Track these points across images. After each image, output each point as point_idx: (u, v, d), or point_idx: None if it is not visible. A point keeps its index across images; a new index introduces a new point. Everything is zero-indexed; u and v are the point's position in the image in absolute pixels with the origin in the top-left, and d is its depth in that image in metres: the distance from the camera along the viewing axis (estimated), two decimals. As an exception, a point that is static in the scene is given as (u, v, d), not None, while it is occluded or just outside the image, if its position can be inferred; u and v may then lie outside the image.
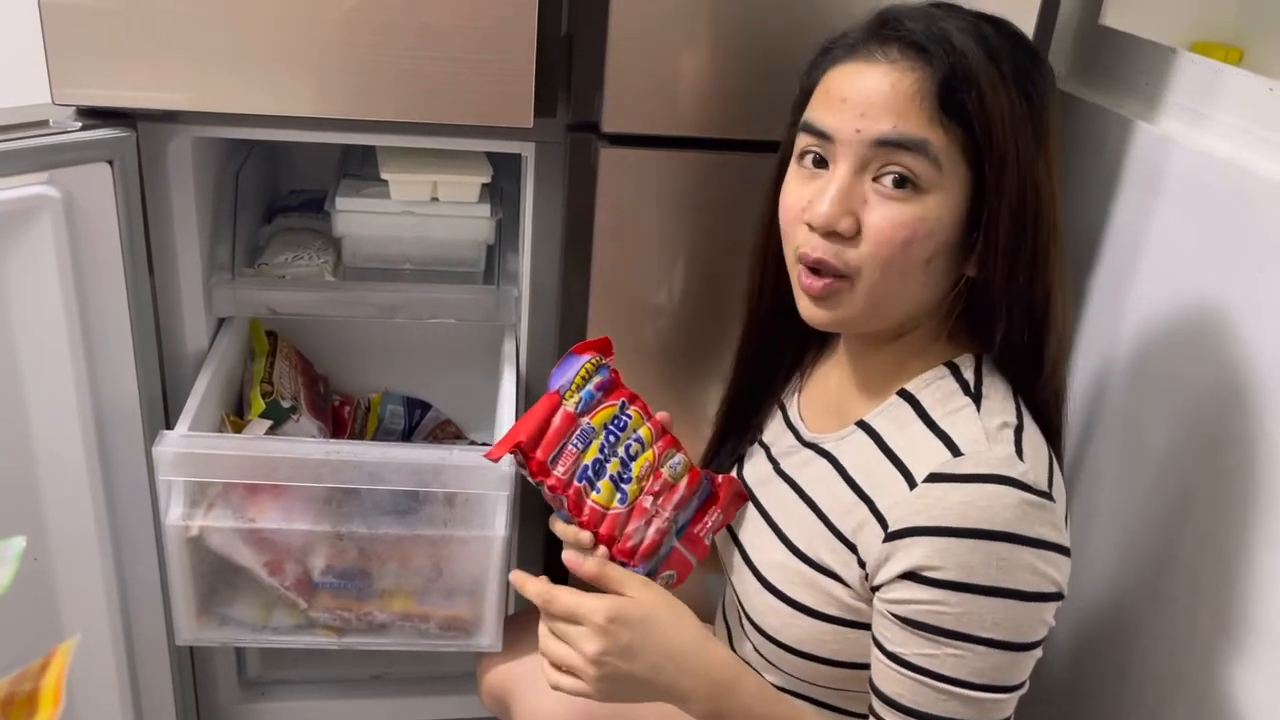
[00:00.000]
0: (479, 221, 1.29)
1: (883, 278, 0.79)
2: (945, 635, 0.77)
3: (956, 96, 0.76)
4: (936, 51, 0.77)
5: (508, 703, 1.13)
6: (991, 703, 0.78)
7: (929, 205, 0.77)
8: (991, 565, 0.75)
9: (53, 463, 1.08)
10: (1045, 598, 0.78)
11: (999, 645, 0.77)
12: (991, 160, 0.77)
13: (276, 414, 1.22)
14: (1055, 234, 0.81)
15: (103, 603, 1.16)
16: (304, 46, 1.01)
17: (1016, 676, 0.79)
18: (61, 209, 1.00)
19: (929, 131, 0.76)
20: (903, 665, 0.79)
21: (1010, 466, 0.77)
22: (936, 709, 0.78)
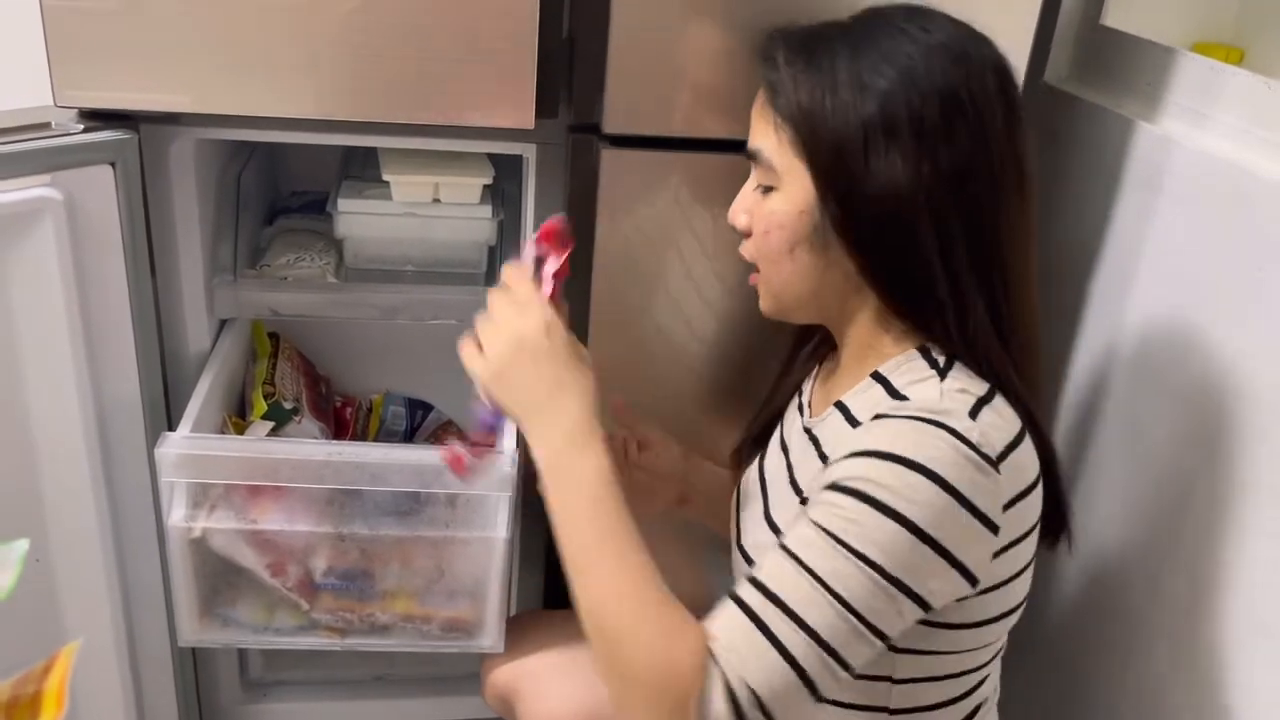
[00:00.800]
0: (480, 223, 1.29)
1: (765, 267, 0.90)
2: (830, 534, 0.76)
3: (776, 99, 0.86)
4: (767, 63, 0.87)
5: (512, 703, 1.13)
6: (835, 619, 0.75)
7: (776, 201, 0.87)
8: (899, 490, 0.75)
9: (55, 464, 1.08)
10: (943, 552, 0.76)
11: (871, 565, 0.75)
12: (812, 156, 0.84)
13: (278, 415, 1.23)
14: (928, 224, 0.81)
15: (105, 604, 1.16)
16: (306, 48, 1.01)
17: (873, 612, 0.76)
18: (64, 211, 1.00)
19: (765, 140, 0.87)
20: (784, 550, 0.78)
21: (954, 419, 0.78)
22: (790, 592, 0.76)
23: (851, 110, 0.81)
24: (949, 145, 0.81)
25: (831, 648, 0.76)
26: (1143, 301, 1.14)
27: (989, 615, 0.85)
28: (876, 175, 0.81)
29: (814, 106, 0.83)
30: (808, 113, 0.83)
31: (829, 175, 0.83)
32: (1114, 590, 1.16)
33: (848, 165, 0.82)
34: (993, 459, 0.78)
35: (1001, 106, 0.83)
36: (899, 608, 0.77)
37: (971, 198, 0.82)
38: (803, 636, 0.75)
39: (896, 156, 0.81)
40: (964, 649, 0.87)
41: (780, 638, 0.75)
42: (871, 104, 0.81)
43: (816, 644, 0.75)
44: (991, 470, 0.78)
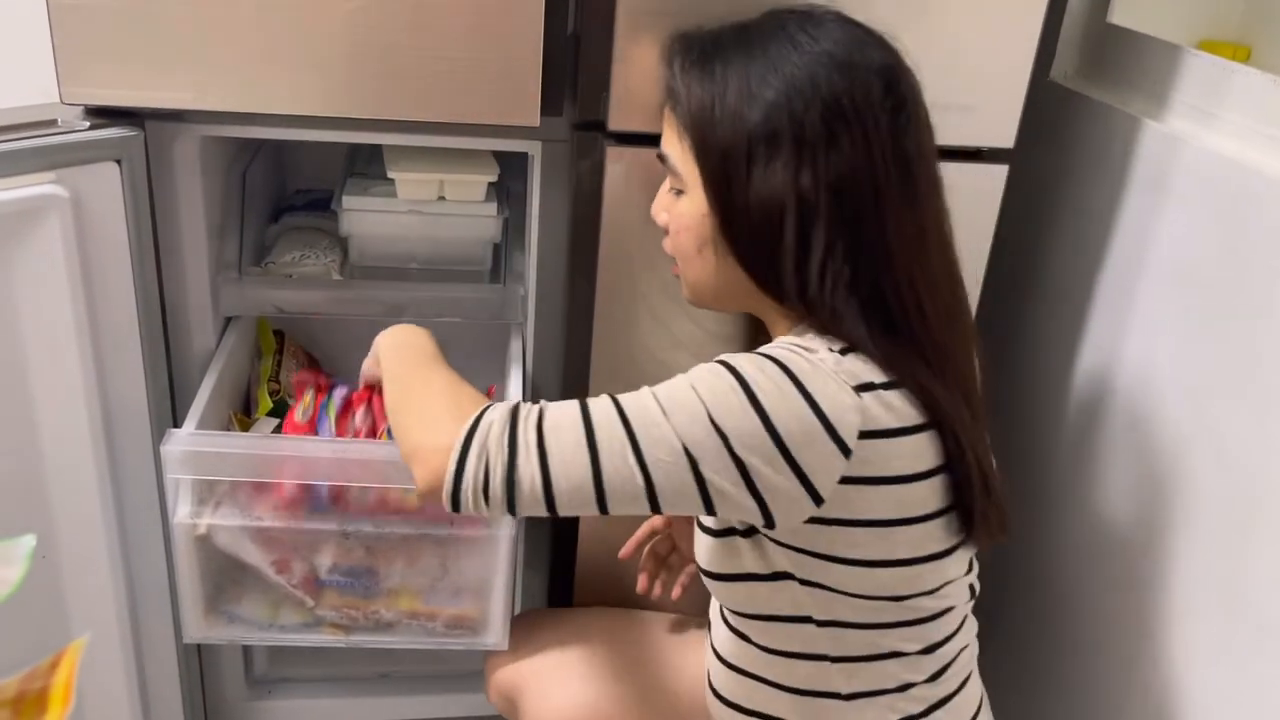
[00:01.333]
0: (485, 220, 1.29)
1: (680, 263, 0.94)
2: (683, 376, 0.84)
3: (677, 109, 0.89)
4: (669, 68, 0.90)
5: (516, 701, 1.13)
6: (648, 420, 0.82)
7: (685, 203, 0.90)
8: (751, 368, 0.82)
9: (61, 461, 1.09)
10: (774, 436, 0.79)
11: (704, 405, 0.81)
12: (701, 161, 0.87)
13: (283, 413, 1.23)
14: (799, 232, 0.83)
15: (110, 600, 1.16)
16: (311, 45, 1.01)
17: (685, 428, 0.80)
18: (69, 208, 1.00)
19: (671, 146, 0.91)
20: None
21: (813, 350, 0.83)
22: (625, 396, 0.84)
23: (738, 120, 0.84)
24: (831, 154, 0.82)
25: (640, 450, 0.81)
26: (1149, 301, 1.14)
27: (868, 556, 0.85)
28: (757, 184, 0.84)
29: (704, 115, 0.86)
30: (698, 121, 0.86)
31: (714, 182, 0.86)
32: (1119, 592, 1.16)
33: (730, 174, 0.85)
34: (850, 384, 0.81)
35: (886, 112, 0.84)
36: (723, 464, 0.80)
37: (854, 204, 0.83)
38: (619, 429, 0.82)
39: (778, 165, 0.83)
40: (868, 593, 0.87)
41: (595, 418, 0.83)
42: (757, 114, 0.84)
43: (626, 438, 0.82)
44: (849, 391, 0.81)
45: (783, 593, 0.90)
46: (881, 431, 0.82)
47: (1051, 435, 1.30)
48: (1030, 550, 1.32)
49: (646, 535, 1.18)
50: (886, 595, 0.88)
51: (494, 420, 0.84)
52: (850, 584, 0.87)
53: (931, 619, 0.91)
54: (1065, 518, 1.27)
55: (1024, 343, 1.36)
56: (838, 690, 0.92)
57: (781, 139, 0.83)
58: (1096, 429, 1.21)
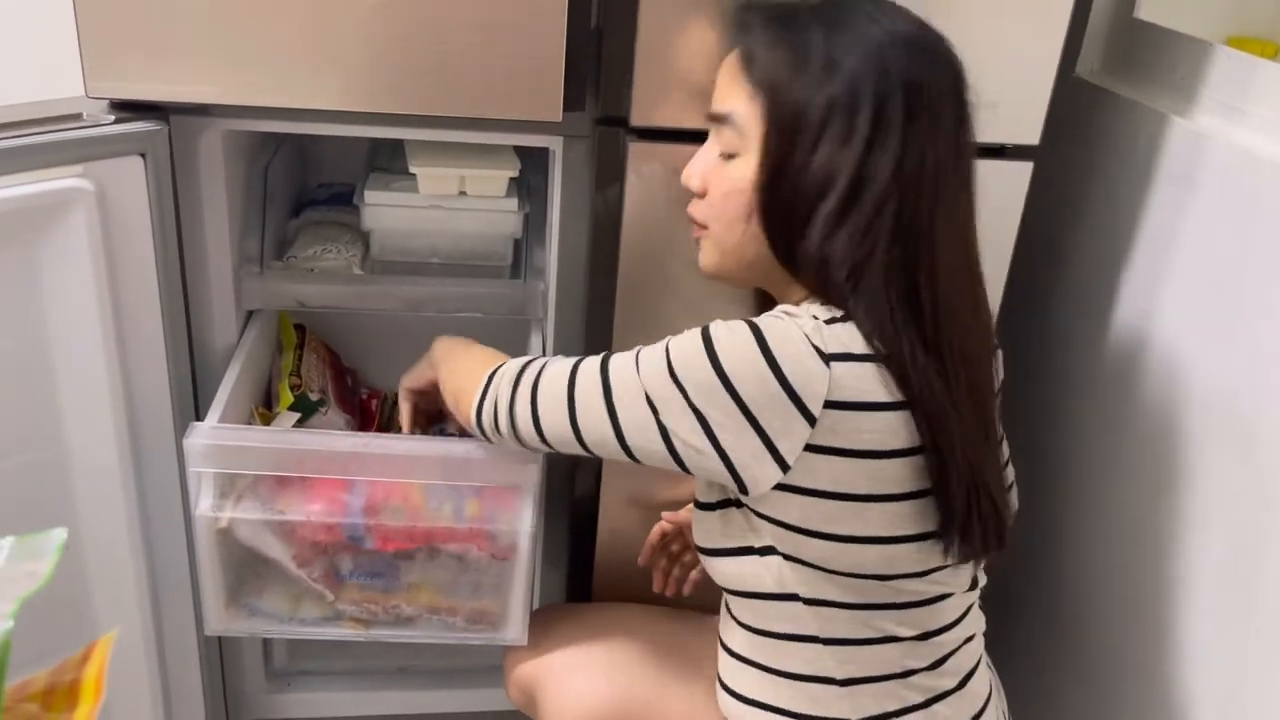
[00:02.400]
0: (506, 215, 1.29)
1: (718, 228, 0.92)
2: (668, 338, 0.88)
3: (752, 68, 0.87)
4: (741, 33, 0.90)
5: (535, 696, 1.13)
6: (623, 378, 0.88)
7: (739, 166, 0.89)
8: (725, 331, 0.85)
9: (85, 453, 1.09)
10: (731, 392, 0.82)
11: (667, 360, 0.86)
12: (772, 126, 0.86)
13: (305, 407, 1.23)
14: (840, 209, 0.84)
15: (133, 593, 1.17)
16: (334, 40, 1.01)
17: (652, 381, 0.86)
18: (94, 202, 1.00)
19: (737, 104, 0.88)
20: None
21: (796, 314, 0.85)
22: (615, 356, 0.91)
23: (821, 85, 0.84)
24: (905, 134, 0.83)
25: (613, 406, 0.88)
26: (1175, 297, 1.13)
27: (843, 532, 0.86)
28: (822, 151, 0.84)
29: (783, 76, 0.85)
30: (779, 81, 0.85)
31: (778, 143, 0.86)
32: (1139, 592, 1.15)
33: (797, 136, 0.84)
34: (823, 352, 0.82)
35: (954, 104, 0.86)
36: (683, 415, 0.84)
37: (914, 188, 0.84)
38: (597, 385, 0.89)
39: (851, 137, 0.83)
40: (851, 571, 0.88)
41: (579, 377, 0.91)
42: (841, 82, 0.83)
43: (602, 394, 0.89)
44: (817, 359, 0.82)
45: (770, 569, 0.90)
46: (851, 404, 0.82)
47: (1074, 433, 1.29)
48: (1050, 547, 1.32)
49: (659, 538, 1.19)
50: (869, 574, 0.88)
51: (508, 367, 0.97)
52: (830, 560, 0.88)
53: (924, 604, 0.91)
54: (1087, 515, 1.26)
55: (1048, 341, 1.35)
56: (832, 675, 0.92)
57: (859, 112, 0.83)
58: (1120, 426, 1.20)
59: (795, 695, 0.94)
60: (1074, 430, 1.29)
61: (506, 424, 0.96)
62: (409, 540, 1.11)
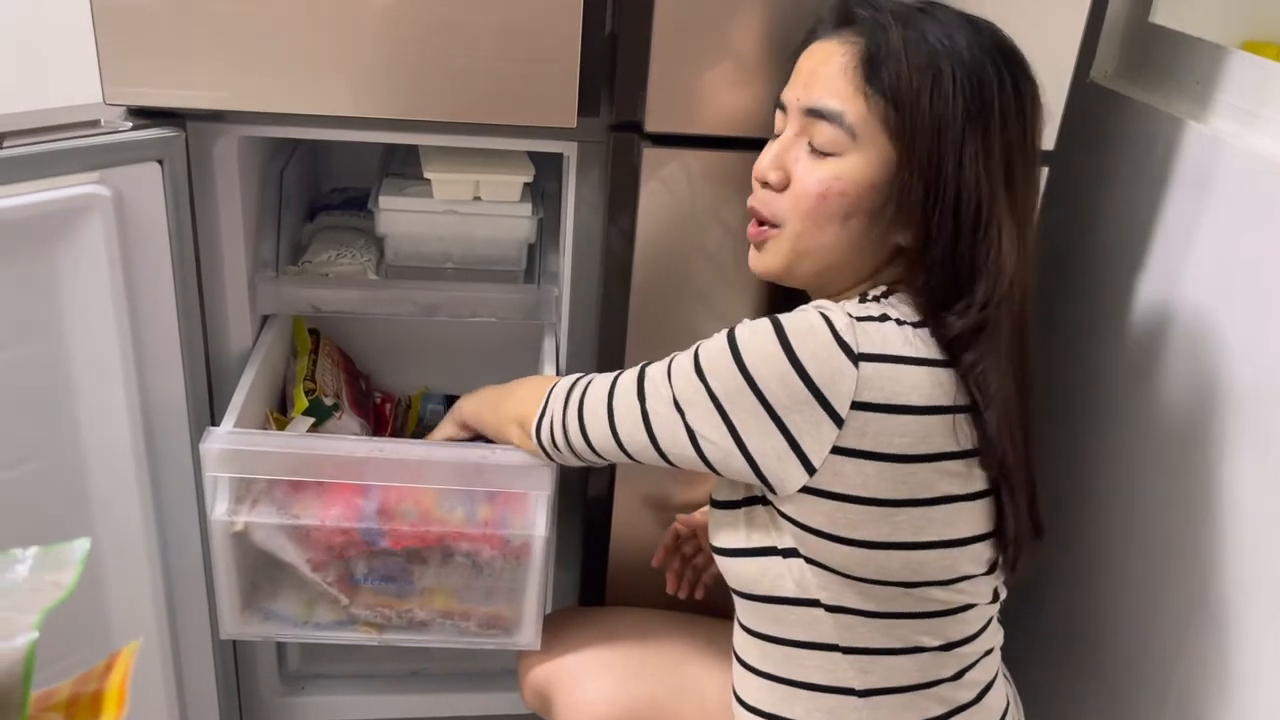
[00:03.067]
0: (521, 221, 1.29)
1: (803, 227, 0.88)
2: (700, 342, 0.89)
3: (879, 71, 0.84)
4: (869, 30, 0.86)
5: (550, 699, 1.13)
6: (657, 390, 0.90)
7: (844, 165, 0.86)
8: (749, 330, 0.85)
9: (101, 458, 1.10)
10: (756, 391, 0.82)
11: (695, 363, 0.87)
12: (906, 133, 0.83)
13: (319, 411, 1.23)
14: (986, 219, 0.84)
15: (149, 597, 1.17)
16: (348, 46, 1.01)
17: (682, 389, 0.87)
18: (112, 208, 1.01)
19: (849, 103, 0.85)
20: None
21: (832, 310, 0.84)
22: (650, 366, 0.93)
23: (954, 99, 0.82)
24: (1020, 148, 0.84)
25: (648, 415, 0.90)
26: (1192, 302, 1.12)
27: (870, 538, 0.85)
28: (967, 167, 0.82)
29: (920, 87, 0.82)
30: (915, 92, 0.83)
31: (923, 159, 0.83)
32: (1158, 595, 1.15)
33: (944, 152, 0.82)
34: (854, 351, 0.80)
35: (1036, 113, 0.88)
36: (707, 413, 0.85)
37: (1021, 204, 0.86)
38: (634, 398, 0.91)
39: (983, 153, 0.83)
40: (869, 577, 0.87)
41: (616, 394, 0.93)
42: (971, 96, 0.82)
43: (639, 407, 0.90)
44: (844, 358, 0.80)
45: (792, 571, 0.90)
46: (882, 405, 0.81)
47: (1092, 438, 1.29)
48: (1068, 552, 1.31)
49: (673, 540, 1.19)
50: (894, 581, 0.87)
51: (561, 384, 1.00)
52: (855, 566, 0.87)
53: (949, 613, 0.90)
54: (1105, 521, 1.26)
55: (1064, 346, 1.34)
56: (851, 686, 0.91)
57: (991, 127, 0.83)
58: (1138, 431, 1.20)
59: (812, 707, 0.94)
60: (1092, 435, 1.29)
61: (562, 439, 0.98)
62: (421, 541, 1.11)
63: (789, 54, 1.03)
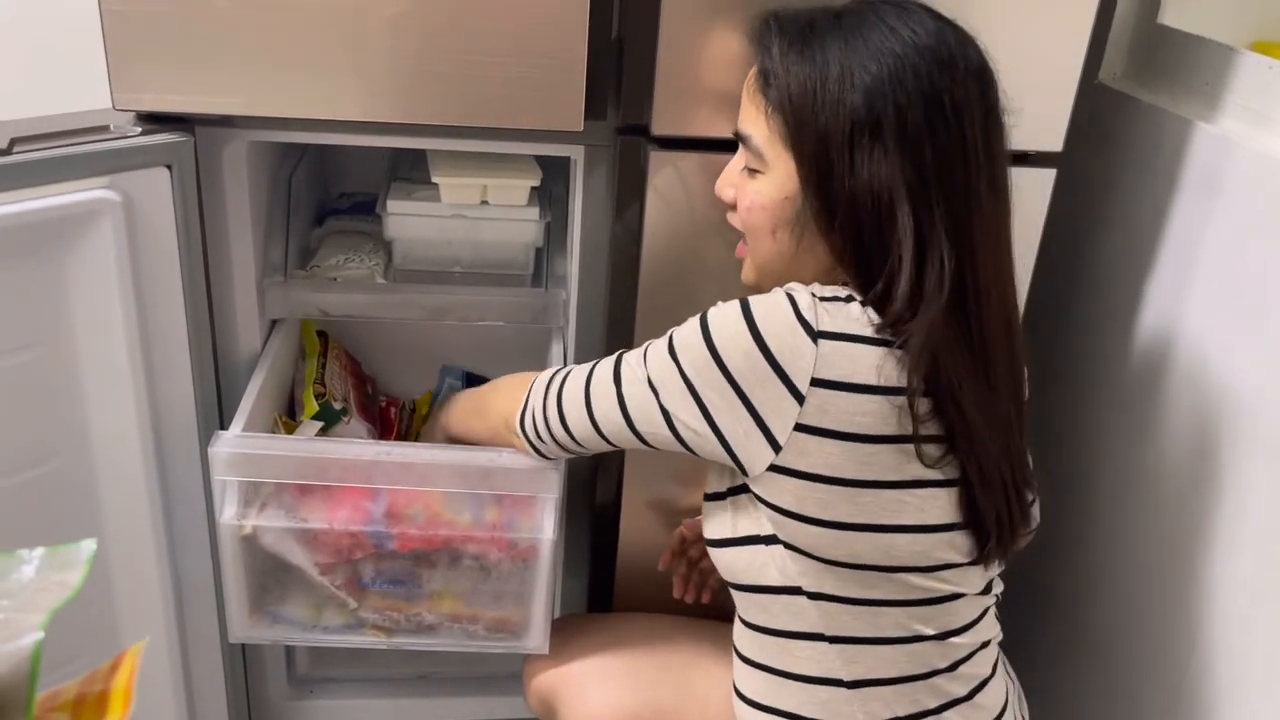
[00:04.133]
0: (528, 224, 1.30)
1: (750, 241, 0.94)
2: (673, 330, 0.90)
3: (769, 90, 0.88)
4: (761, 48, 0.89)
5: (554, 705, 1.13)
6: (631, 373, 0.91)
7: (762, 183, 0.90)
8: (720, 311, 0.87)
9: (110, 462, 1.10)
10: (730, 380, 0.84)
11: (670, 347, 0.88)
12: (796, 145, 0.86)
13: (329, 415, 1.24)
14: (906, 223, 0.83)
15: (158, 600, 1.17)
16: (356, 52, 1.02)
17: (655, 369, 0.89)
18: (122, 212, 1.01)
19: (753, 125, 0.89)
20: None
21: (797, 290, 0.85)
22: (629, 353, 0.94)
23: (839, 106, 0.83)
24: (929, 147, 0.83)
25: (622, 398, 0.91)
26: (1200, 304, 1.12)
27: (838, 518, 0.85)
28: (858, 171, 0.84)
29: (804, 99, 0.85)
30: (797, 105, 0.85)
31: (812, 167, 0.85)
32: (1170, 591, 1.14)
33: (831, 159, 0.84)
34: (813, 328, 0.82)
35: (981, 112, 0.86)
36: (680, 394, 0.87)
37: (947, 199, 0.84)
38: (609, 382, 0.92)
39: (879, 154, 0.83)
40: (842, 560, 0.87)
41: (593, 378, 0.94)
42: (859, 101, 0.83)
43: (613, 389, 0.92)
44: (804, 335, 0.82)
45: (775, 558, 0.90)
46: (840, 384, 0.82)
47: (1099, 440, 1.28)
48: (1075, 554, 1.31)
49: (679, 544, 1.19)
50: (868, 564, 0.88)
51: (541, 377, 1.01)
52: (827, 548, 0.87)
53: (934, 602, 0.90)
54: (1112, 523, 1.25)
55: (1071, 348, 1.34)
56: (839, 677, 0.92)
57: (884, 128, 0.83)
58: (1145, 433, 1.19)
59: (805, 699, 0.94)
60: (1098, 437, 1.28)
61: (545, 429, 0.99)
62: (428, 544, 1.12)
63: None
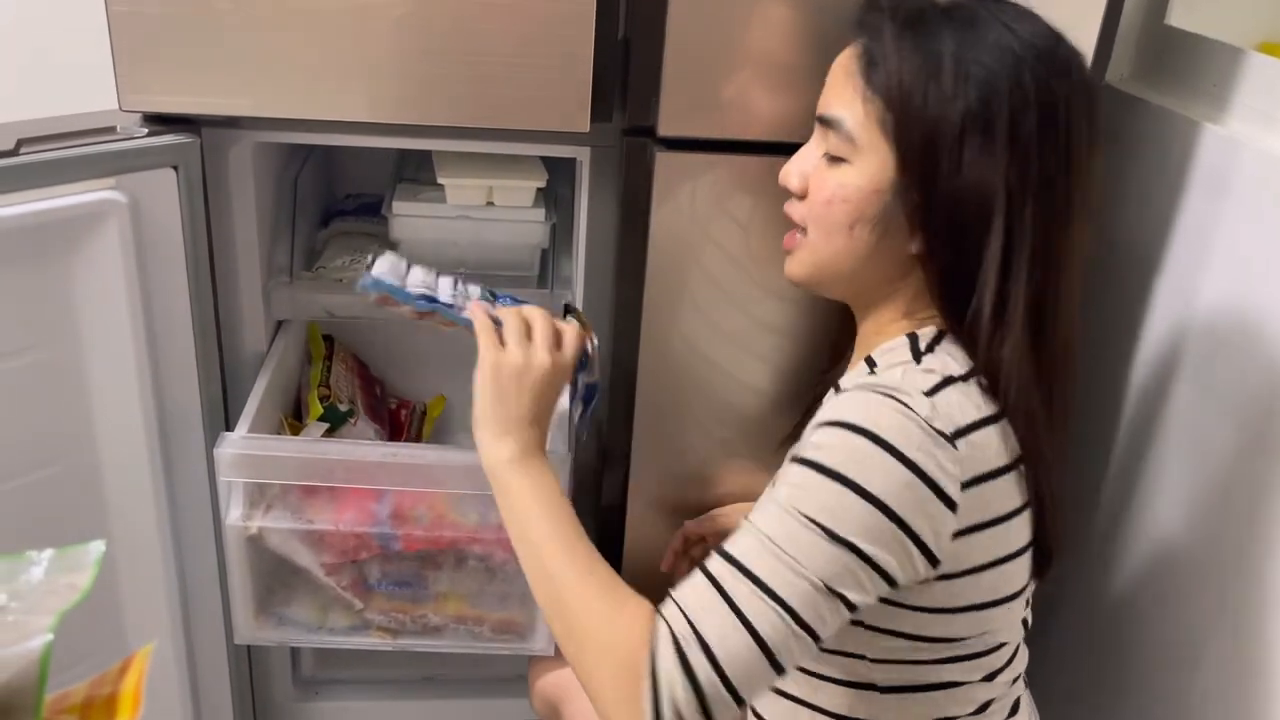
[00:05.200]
0: (533, 226, 1.29)
1: (816, 235, 0.88)
2: (785, 505, 0.77)
3: (873, 73, 0.83)
4: (868, 33, 0.85)
5: (559, 707, 1.13)
6: (786, 582, 0.75)
7: (849, 173, 0.84)
8: (845, 453, 0.76)
9: (116, 463, 1.10)
10: (890, 514, 0.75)
11: (821, 528, 0.75)
12: (903, 138, 0.81)
13: (334, 417, 1.24)
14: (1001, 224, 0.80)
15: (164, 601, 1.17)
16: (362, 53, 1.02)
17: (831, 576, 0.75)
18: (128, 214, 1.01)
19: (848, 109, 0.84)
20: (748, 523, 0.80)
21: (908, 394, 0.78)
22: (751, 559, 0.76)
23: (954, 98, 0.79)
24: (1037, 155, 0.80)
25: (790, 608, 0.75)
26: (1209, 306, 1.11)
27: (957, 604, 0.83)
28: (965, 170, 0.80)
29: (914, 88, 0.80)
30: (907, 93, 0.80)
31: (918, 162, 0.81)
32: (1176, 599, 1.14)
33: (938, 153, 0.80)
34: (947, 434, 0.77)
35: (1087, 128, 0.83)
36: (856, 574, 0.76)
37: (1045, 212, 0.81)
38: (758, 597, 0.75)
39: (988, 154, 0.80)
40: (935, 636, 0.85)
41: (734, 596, 0.76)
42: (974, 95, 0.79)
43: (771, 603, 0.75)
44: (945, 443, 0.77)
45: (845, 634, 0.83)
46: (980, 476, 0.79)
47: (1107, 442, 1.28)
48: (1085, 559, 1.30)
49: (681, 544, 1.18)
50: (952, 638, 0.86)
51: (672, 676, 0.75)
52: (922, 627, 0.84)
53: (987, 653, 0.89)
54: (1123, 527, 1.25)
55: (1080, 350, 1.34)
56: (877, 718, 0.90)
57: (996, 128, 0.79)
58: (1156, 438, 1.19)
59: (835, 693, 0.91)
60: (1108, 439, 1.28)
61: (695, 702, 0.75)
62: (434, 545, 1.11)
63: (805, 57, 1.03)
